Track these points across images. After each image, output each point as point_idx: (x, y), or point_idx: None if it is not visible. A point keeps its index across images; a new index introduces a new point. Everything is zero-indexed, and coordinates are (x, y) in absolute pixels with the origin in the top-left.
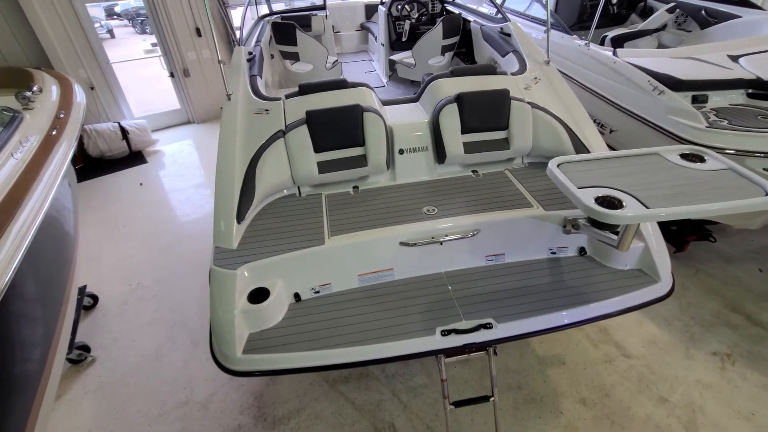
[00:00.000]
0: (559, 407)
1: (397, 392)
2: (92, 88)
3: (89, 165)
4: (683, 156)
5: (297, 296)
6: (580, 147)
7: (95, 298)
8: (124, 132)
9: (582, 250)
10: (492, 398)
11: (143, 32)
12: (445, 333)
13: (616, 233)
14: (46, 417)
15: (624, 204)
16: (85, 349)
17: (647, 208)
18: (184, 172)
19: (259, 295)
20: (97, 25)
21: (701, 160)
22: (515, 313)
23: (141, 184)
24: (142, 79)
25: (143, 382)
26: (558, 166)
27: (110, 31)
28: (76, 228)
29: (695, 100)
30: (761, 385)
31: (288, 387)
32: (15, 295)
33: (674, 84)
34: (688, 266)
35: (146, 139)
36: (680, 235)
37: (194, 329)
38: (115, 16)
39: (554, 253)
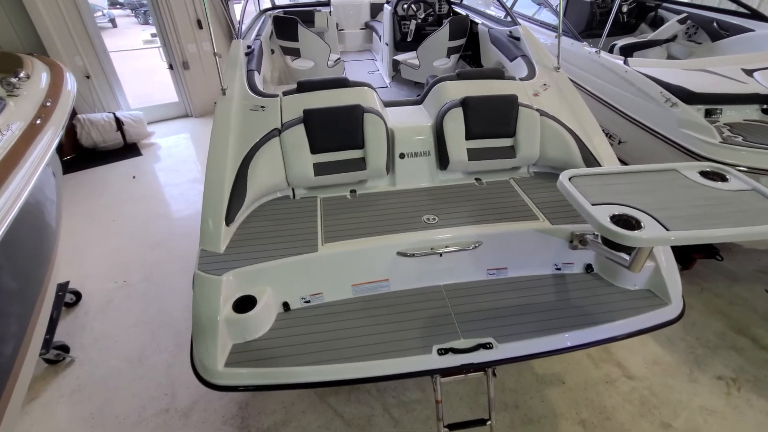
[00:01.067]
0: (558, 429)
1: (388, 407)
2: (88, 77)
3: (81, 155)
4: (703, 174)
5: (286, 305)
6: (589, 158)
7: (78, 295)
8: (119, 123)
9: (589, 267)
10: (489, 422)
11: (146, 23)
12: (442, 352)
13: (628, 252)
14: (13, 420)
15: (642, 224)
16: (64, 349)
17: (667, 230)
18: (180, 166)
19: (245, 304)
20: (99, 13)
21: (722, 179)
22: (517, 333)
23: (134, 177)
24: (139, 70)
25: (123, 386)
26: (570, 179)
27: (112, 21)
28: (58, 220)
29: (708, 113)
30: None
31: (274, 397)
32: None
33: (687, 96)
34: (694, 284)
35: (142, 131)
36: (687, 252)
37: (180, 331)
38: (118, 6)
39: (559, 269)
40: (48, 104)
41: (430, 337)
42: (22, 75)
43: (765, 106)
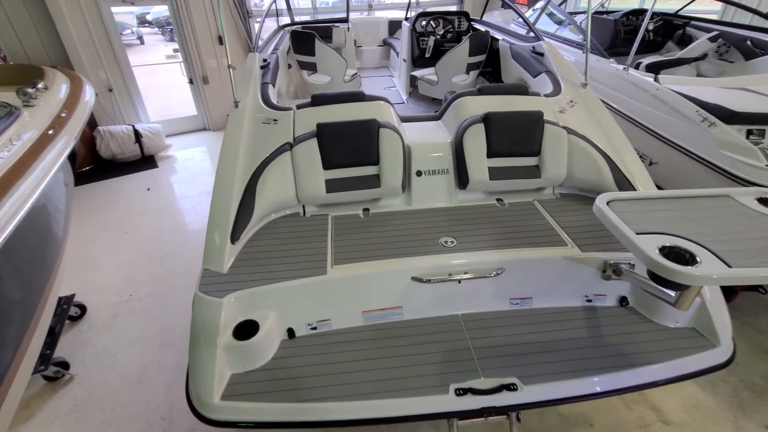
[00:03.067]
0: None
1: None
2: (110, 90)
3: (99, 166)
4: (762, 201)
5: (290, 332)
6: (622, 180)
7: (83, 309)
8: (137, 135)
9: (623, 300)
10: None
11: (171, 40)
12: (461, 392)
13: (675, 288)
14: None
15: (698, 259)
16: (64, 365)
17: (729, 266)
18: (194, 179)
19: (246, 329)
20: (128, 31)
21: None
22: (544, 372)
23: (148, 189)
24: (162, 85)
25: (120, 409)
26: (608, 203)
27: (140, 38)
28: (65, 231)
29: (750, 134)
30: None
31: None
32: None
33: (727, 116)
34: (734, 318)
35: (159, 143)
36: (727, 285)
37: (182, 350)
38: (146, 24)
39: (590, 300)
40: (63, 115)
41: (447, 374)
42: (40, 86)
43: None
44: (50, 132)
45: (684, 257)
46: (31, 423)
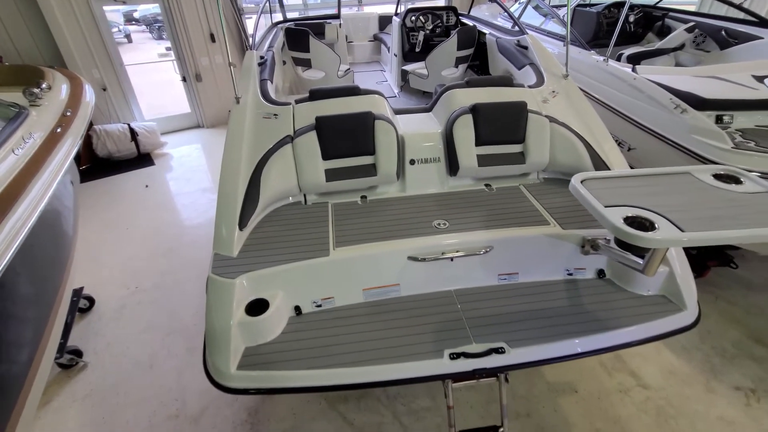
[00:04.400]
0: None
1: (398, 415)
2: (104, 89)
3: (97, 165)
4: (717, 176)
5: (297, 309)
6: (599, 163)
7: (92, 301)
8: (133, 133)
9: (601, 273)
10: (501, 429)
11: (160, 38)
12: (454, 356)
13: (641, 256)
14: (28, 424)
15: (656, 225)
16: (77, 353)
17: (682, 230)
18: (191, 175)
19: (257, 307)
20: (115, 29)
21: (737, 181)
22: (529, 337)
23: (147, 187)
24: (154, 83)
25: (134, 392)
26: (582, 182)
27: (128, 36)
28: (75, 228)
29: (719, 120)
30: None
31: (284, 404)
32: (3, 293)
33: (698, 103)
34: (708, 292)
35: (155, 141)
36: (700, 260)
37: (191, 337)
38: (133, 22)
39: (571, 274)
40: (68, 114)
41: (441, 341)
42: (44, 86)
43: None
44: (58, 130)
45: (645, 225)
46: (49, 408)
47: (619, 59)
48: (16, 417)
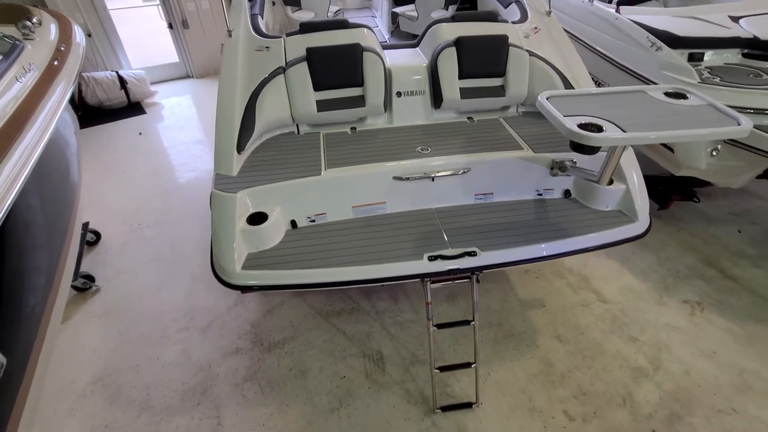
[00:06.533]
0: (536, 342)
1: (385, 325)
2: (89, 35)
3: (88, 113)
4: (667, 94)
5: (293, 224)
6: None
7: (98, 235)
8: (122, 82)
9: (567, 193)
10: (473, 322)
11: None
12: (432, 258)
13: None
14: (54, 336)
15: (604, 129)
16: (90, 278)
17: (624, 131)
18: (183, 124)
19: (258, 219)
20: None
21: (684, 97)
22: (500, 243)
23: (140, 134)
24: (140, 34)
25: (146, 311)
26: (547, 98)
27: None
28: (79, 170)
29: (691, 57)
30: (725, 329)
31: (283, 318)
32: (26, 224)
33: (672, 41)
34: (671, 225)
35: (145, 90)
36: (665, 193)
37: (194, 267)
38: None
39: (540, 194)
40: (62, 48)
41: (421, 247)
42: (34, 20)
43: (746, 51)
44: (55, 63)
45: (595, 128)
46: (69, 324)
47: (610, 2)
48: (44, 329)
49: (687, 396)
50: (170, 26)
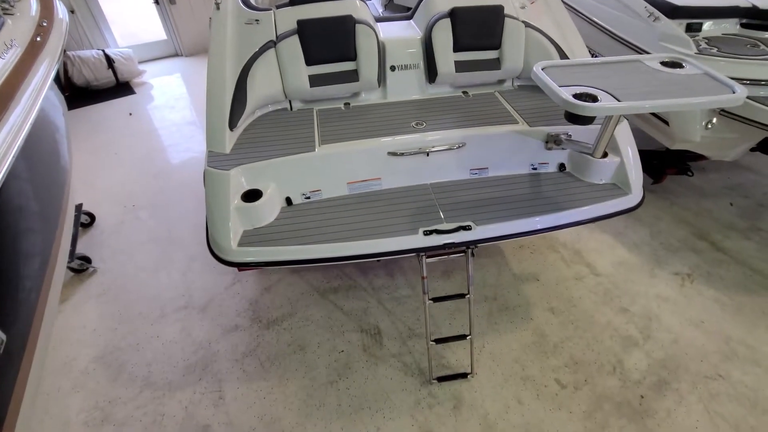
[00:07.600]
0: (530, 314)
1: (382, 301)
2: (72, 12)
3: (76, 94)
4: (663, 63)
5: (288, 201)
6: None
7: (92, 217)
8: (109, 61)
9: (562, 166)
10: (468, 295)
11: None
12: (427, 233)
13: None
14: (53, 315)
15: (599, 99)
16: (86, 259)
17: (619, 101)
18: (174, 104)
19: (252, 196)
20: None
21: (680, 66)
22: (494, 217)
23: (130, 114)
24: (125, 13)
25: (144, 290)
26: (543, 69)
27: None
28: (70, 152)
29: (689, 28)
30: (714, 299)
31: (281, 295)
32: (13, 202)
33: (670, 10)
34: (664, 199)
35: (133, 69)
36: (659, 168)
37: (190, 246)
38: None
39: (535, 168)
40: (44, 24)
41: (417, 222)
42: None
43: (744, 21)
44: (38, 39)
45: (590, 98)
46: (67, 305)
47: None
48: (41, 309)
49: (675, 363)
50: (156, 2)
